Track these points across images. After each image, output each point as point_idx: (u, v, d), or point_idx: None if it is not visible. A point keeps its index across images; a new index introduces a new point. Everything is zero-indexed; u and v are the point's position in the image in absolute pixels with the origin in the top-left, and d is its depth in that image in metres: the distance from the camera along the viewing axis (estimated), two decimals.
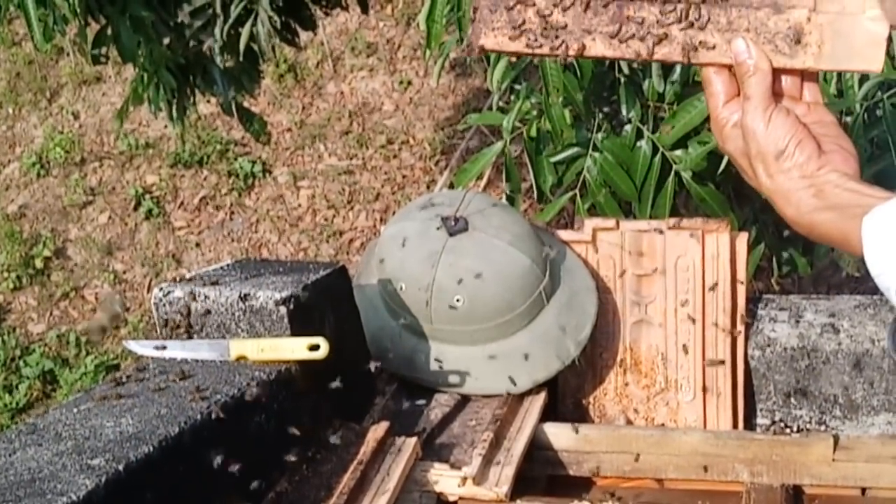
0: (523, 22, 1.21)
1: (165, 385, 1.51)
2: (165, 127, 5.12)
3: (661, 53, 1.19)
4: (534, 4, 1.21)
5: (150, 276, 5.12)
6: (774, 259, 2.59)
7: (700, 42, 1.19)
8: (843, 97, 2.15)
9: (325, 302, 1.71)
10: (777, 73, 1.18)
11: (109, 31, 3.13)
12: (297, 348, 1.60)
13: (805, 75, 1.20)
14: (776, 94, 1.18)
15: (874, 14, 1.14)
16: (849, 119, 2.08)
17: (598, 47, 1.20)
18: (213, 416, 1.43)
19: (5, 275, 5.10)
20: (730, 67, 1.19)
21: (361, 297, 1.88)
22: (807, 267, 2.58)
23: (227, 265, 1.81)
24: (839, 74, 2.10)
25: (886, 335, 1.79)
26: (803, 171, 1.14)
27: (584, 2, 1.20)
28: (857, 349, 1.88)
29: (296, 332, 1.63)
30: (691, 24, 1.19)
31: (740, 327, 1.96)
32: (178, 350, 1.62)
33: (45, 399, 4.75)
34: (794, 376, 1.93)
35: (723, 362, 1.94)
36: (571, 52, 1.20)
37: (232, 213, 5.31)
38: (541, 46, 1.21)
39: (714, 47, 1.19)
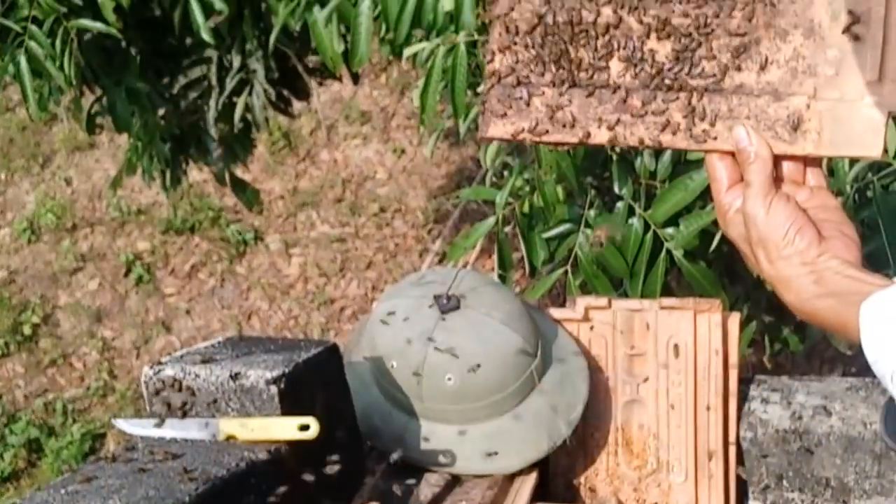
0: (530, 111, 1.24)
1: (153, 465, 1.50)
2: (158, 193, 5.13)
3: (665, 141, 1.22)
4: (542, 94, 1.23)
5: (139, 344, 5.10)
6: (767, 337, 2.60)
7: (702, 130, 1.21)
8: (834, 177, 2.16)
9: (316, 381, 1.70)
10: (778, 158, 1.20)
11: (104, 101, 3.15)
12: (287, 428, 1.59)
13: (808, 160, 1.21)
14: (778, 179, 1.20)
15: (872, 101, 1.16)
16: (840, 200, 2.09)
17: (603, 135, 1.22)
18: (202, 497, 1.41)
19: None
20: (732, 154, 1.21)
21: (352, 375, 1.86)
22: (798, 345, 2.58)
23: (219, 342, 1.80)
24: None
25: (878, 419, 1.78)
26: (804, 258, 1.15)
27: (589, 91, 1.22)
28: (849, 432, 1.88)
29: (286, 411, 1.62)
30: (693, 112, 1.20)
31: (732, 408, 1.95)
32: (166, 429, 1.61)
33: (30, 468, 4.71)
34: (786, 458, 1.92)
35: (712, 456, 1.94)
36: (576, 140, 1.23)
37: (223, 280, 5.31)
38: (547, 134, 1.23)
39: (716, 135, 1.20)
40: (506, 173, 2.59)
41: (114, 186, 3.69)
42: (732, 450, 1.95)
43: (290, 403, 1.62)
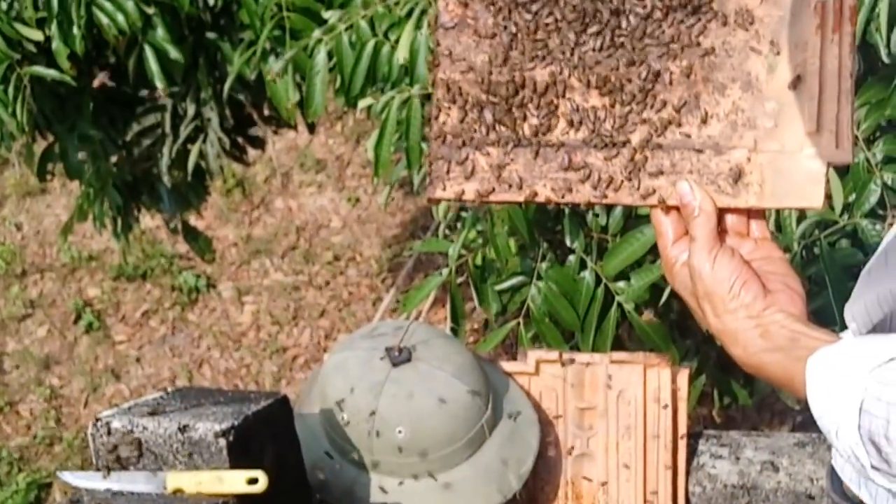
0: (476, 172, 1.24)
1: None
2: (109, 239, 5.10)
3: (610, 197, 1.23)
4: (487, 154, 1.24)
5: (87, 392, 5.03)
6: (716, 390, 2.61)
7: (646, 185, 1.22)
8: (782, 233, 2.19)
9: (265, 433, 1.69)
10: (722, 211, 1.21)
11: (57, 148, 3.14)
12: (235, 481, 1.58)
13: (751, 212, 1.22)
14: (723, 231, 1.21)
15: (811, 152, 1.18)
16: (787, 256, 2.12)
17: (549, 193, 1.23)
18: None
19: None
20: (677, 208, 1.22)
21: (302, 427, 1.85)
22: (748, 398, 2.59)
23: (168, 393, 1.78)
24: (777, 211, 2.15)
25: (825, 475, 1.79)
26: (749, 312, 1.16)
27: (534, 150, 1.23)
28: (796, 487, 1.89)
29: (235, 464, 1.61)
30: (636, 168, 1.22)
31: (681, 463, 1.96)
32: (113, 482, 1.59)
33: None
34: None
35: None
36: (522, 199, 1.23)
37: (174, 327, 5.26)
38: (493, 193, 1.24)
39: (660, 190, 1.22)
40: (459, 225, 2.59)
41: (64, 233, 3.66)
42: None
43: (239, 456, 1.61)
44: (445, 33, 1.25)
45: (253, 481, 1.56)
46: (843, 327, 1.26)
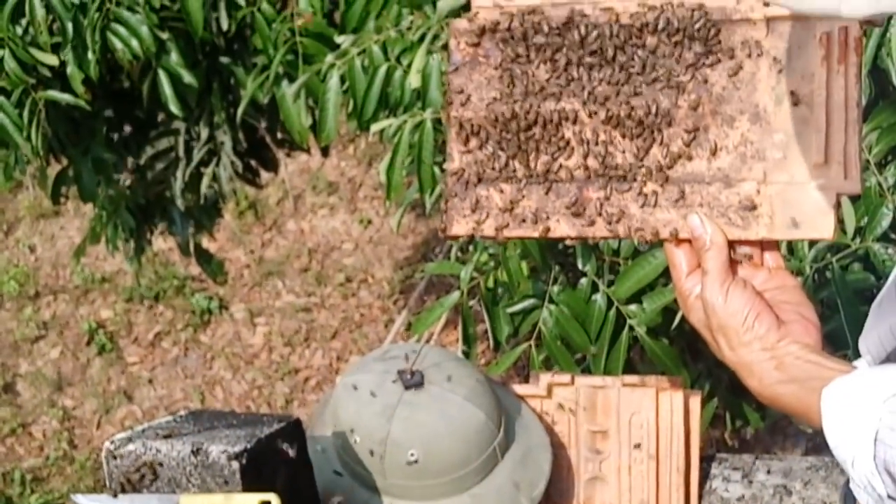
0: (491, 208, 1.27)
1: None
2: (122, 261, 5.11)
3: (622, 231, 1.24)
4: (501, 191, 1.27)
5: (100, 413, 5.04)
6: (728, 414, 2.61)
7: (657, 218, 1.22)
8: (794, 257, 2.19)
9: (278, 456, 1.69)
10: (734, 243, 1.22)
11: (71, 172, 3.15)
12: None
13: (764, 242, 1.23)
14: (735, 263, 1.21)
15: (820, 183, 1.18)
16: (799, 280, 2.12)
17: (563, 228, 1.25)
18: None
19: None
20: (689, 241, 1.22)
21: (314, 449, 1.86)
22: (759, 422, 2.59)
23: (181, 416, 1.79)
24: None
25: (838, 498, 1.79)
26: (764, 344, 1.17)
27: (546, 185, 1.25)
28: None
29: (248, 486, 1.61)
30: (647, 201, 1.22)
31: (694, 487, 1.95)
32: None
33: None
34: None
35: None
36: (537, 235, 1.26)
37: (187, 349, 5.27)
38: (508, 229, 1.26)
39: (671, 223, 1.23)
40: (471, 248, 2.60)
41: (77, 256, 3.68)
42: None
43: (252, 479, 1.62)
44: (457, 72, 1.28)
45: None
46: (856, 351, 1.26)
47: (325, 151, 3.41)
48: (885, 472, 1.04)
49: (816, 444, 3.81)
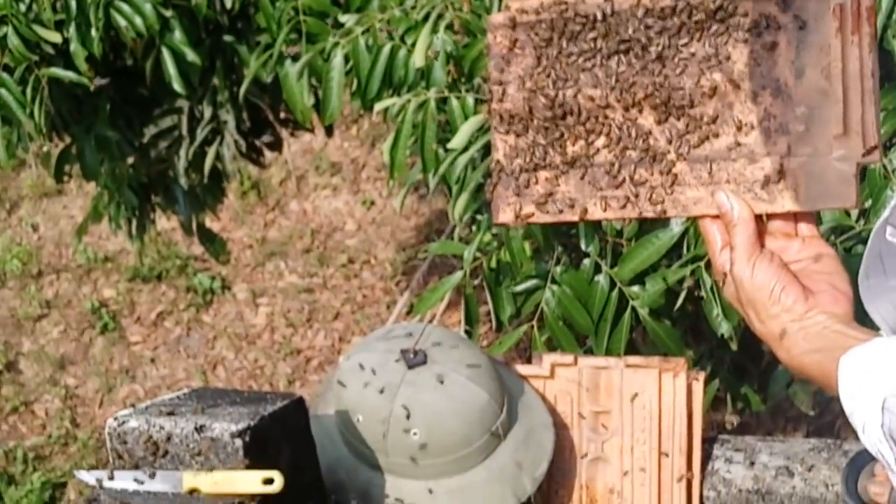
0: (532, 195, 1.33)
1: None
2: (125, 241, 5.11)
3: (656, 211, 1.28)
4: (541, 178, 1.33)
5: (102, 392, 5.05)
6: (729, 395, 2.61)
7: (688, 197, 1.26)
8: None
9: (281, 434, 1.69)
10: (762, 217, 1.23)
11: (74, 150, 3.15)
12: (251, 482, 1.58)
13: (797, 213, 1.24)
14: (762, 234, 1.22)
15: (841, 154, 1.20)
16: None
17: (599, 211, 1.30)
18: None
19: None
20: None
21: (318, 428, 1.86)
22: (760, 404, 2.59)
23: (184, 394, 1.79)
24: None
25: (840, 480, 1.79)
26: (791, 315, 1.18)
27: (581, 170, 1.30)
28: (811, 493, 1.89)
29: (251, 464, 1.61)
30: (678, 181, 1.25)
31: (696, 468, 1.96)
32: (129, 481, 1.60)
33: None
34: None
35: None
36: (576, 218, 1.31)
37: (189, 329, 5.28)
38: (549, 214, 1.32)
39: (701, 201, 1.26)
40: (474, 228, 2.60)
41: (79, 234, 3.68)
42: None
43: (255, 456, 1.62)
44: (496, 65, 1.34)
45: (269, 481, 1.57)
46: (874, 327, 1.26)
47: (328, 131, 3.40)
48: (892, 440, 1.05)
49: (818, 426, 3.82)
